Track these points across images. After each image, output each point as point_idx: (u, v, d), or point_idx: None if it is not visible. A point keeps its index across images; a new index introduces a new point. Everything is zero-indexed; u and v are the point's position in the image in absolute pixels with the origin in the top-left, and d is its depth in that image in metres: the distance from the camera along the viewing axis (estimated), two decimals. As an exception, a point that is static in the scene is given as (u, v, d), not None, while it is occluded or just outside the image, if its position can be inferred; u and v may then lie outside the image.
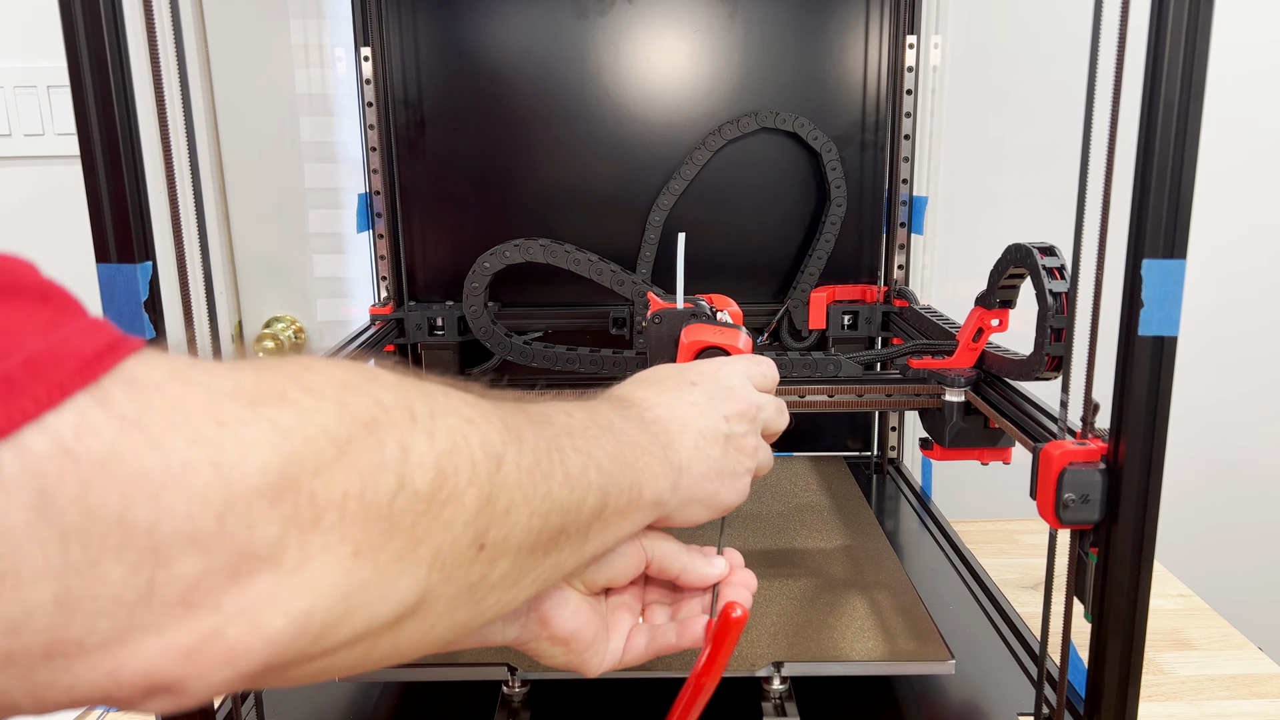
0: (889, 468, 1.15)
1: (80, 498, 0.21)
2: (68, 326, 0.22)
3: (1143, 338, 0.48)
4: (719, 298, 0.82)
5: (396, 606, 0.27)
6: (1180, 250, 0.47)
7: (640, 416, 0.44)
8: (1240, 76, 1.23)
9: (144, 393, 0.22)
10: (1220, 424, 1.33)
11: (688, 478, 0.44)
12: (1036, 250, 0.67)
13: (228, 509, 0.23)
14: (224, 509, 0.23)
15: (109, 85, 0.48)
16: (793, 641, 0.64)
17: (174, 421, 0.22)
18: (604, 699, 0.65)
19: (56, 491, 0.21)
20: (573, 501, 0.35)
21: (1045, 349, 0.66)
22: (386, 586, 0.27)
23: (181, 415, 0.23)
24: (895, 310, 1.07)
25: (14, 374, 0.20)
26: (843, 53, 1.05)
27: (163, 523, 0.22)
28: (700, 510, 0.46)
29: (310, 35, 1.17)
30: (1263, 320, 1.31)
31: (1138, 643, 0.52)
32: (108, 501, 0.21)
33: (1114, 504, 0.51)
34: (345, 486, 0.25)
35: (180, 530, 0.22)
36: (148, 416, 0.22)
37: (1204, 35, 0.45)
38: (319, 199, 1.21)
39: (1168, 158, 0.46)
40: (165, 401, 0.23)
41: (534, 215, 1.07)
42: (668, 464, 0.43)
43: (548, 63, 1.04)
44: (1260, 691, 0.72)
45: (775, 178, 1.07)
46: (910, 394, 0.78)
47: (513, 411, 0.34)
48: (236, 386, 0.24)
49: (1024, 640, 0.72)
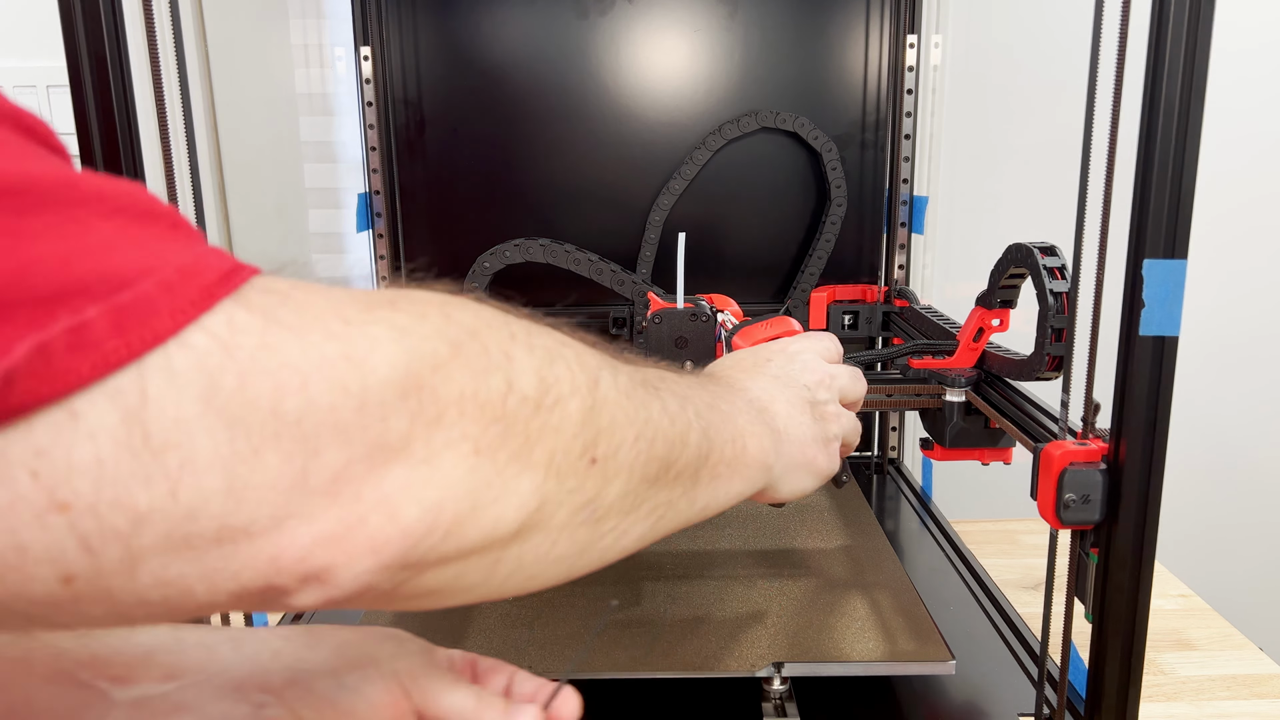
0: (889, 468, 1.15)
1: (240, 389, 0.22)
2: (198, 247, 0.24)
3: (1143, 338, 0.48)
4: (719, 298, 0.82)
5: (518, 510, 0.28)
6: (1181, 250, 0.47)
7: (730, 386, 0.45)
8: (1242, 76, 1.23)
9: (278, 297, 0.24)
10: (1221, 424, 1.33)
11: (788, 443, 0.45)
12: (1037, 250, 0.67)
13: (363, 401, 0.24)
14: (361, 401, 0.24)
15: (109, 85, 0.48)
16: (793, 642, 0.64)
17: (308, 320, 0.24)
18: (604, 700, 0.65)
19: (220, 384, 0.22)
20: (676, 434, 0.36)
21: (1046, 349, 0.66)
22: (507, 487, 0.28)
23: (313, 315, 0.24)
24: (896, 310, 1.07)
25: (171, 280, 0.22)
26: (843, 52, 1.05)
27: (310, 413, 0.23)
28: (805, 477, 0.47)
29: (310, 35, 1.17)
30: (1264, 320, 1.31)
31: (1138, 643, 0.52)
32: (262, 393, 0.23)
33: (1115, 504, 0.51)
34: (461, 385, 0.27)
35: (324, 421, 0.23)
36: (286, 316, 0.24)
37: (1205, 35, 0.45)
38: (319, 199, 1.21)
39: (1169, 157, 0.46)
40: (297, 304, 0.24)
41: (534, 215, 1.07)
42: (767, 427, 0.44)
43: (548, 62, 1.03)
44: (1261, 692, 0.72)
45: (775, 177, 1.07)
46: (911, 394, 0.78)
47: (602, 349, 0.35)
48: (351, 296, 0.26)
49: (1024, 640, 0.72)
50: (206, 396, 0.22)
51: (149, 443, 0.21)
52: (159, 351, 0.21)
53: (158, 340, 0.21)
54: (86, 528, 0.21)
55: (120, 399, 0.21)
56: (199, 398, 0.22)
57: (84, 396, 0.21)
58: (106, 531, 0.21)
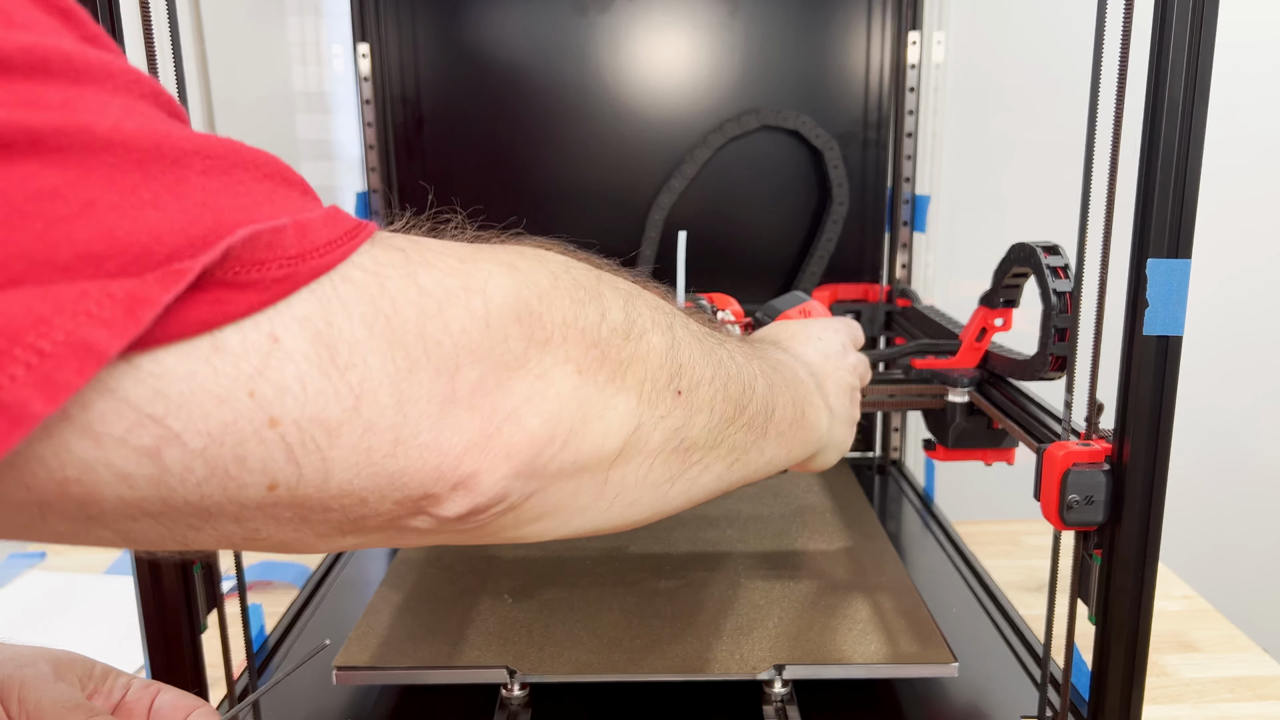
0: (892, 469, 1.14)
1: (394, 314, 0.25)
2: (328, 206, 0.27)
3: (1147, 337, 0.47)
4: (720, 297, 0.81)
5: (620, 427, 0.31)
6: (1185, 249, 0.46)
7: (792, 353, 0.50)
8: (1245, 73, 1.22)
9: (404, 240, 0.28)
10: (1226, 424, 1.33)
11: (837, 422, 0.50)
12: (1040, 249, 0.67)
13: (487, 324, 0.27)
14: (485, 323, 0.27)
15: (103, 83, 0.48)
16: (794, 644, 0.64)
17: (432, 258, 0.28)
18: (604, 700, 0.64)
19: (380, 310, 0.25)
20: (744, 380, 0.39)
21: (1049, 349, 0.66)
22: (608, 405, 0.31)
23: (435, 254, 0.28)
24: (898, 310, 1.06)
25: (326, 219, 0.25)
26: (845, 50, 1.04)
27: (448, 335, 0.26)
28: (835, 455, 0.51)
29: (307, 32, 1.16)
30: (1269, 320, 1.30)
31: (1142, 645, 0.52)
32: (410, 318, 0.26)
33: (1118, 505, 0.51)
34: (563, 313, 0.30)
35: (459, 343, 0.27)
36: (415, 254, 0.27)
37: (1208, 33, 0.44)
38: (318, 198, 1.21)
39: (1172, 156, 0.46)
40: (420, 246, 0.28)
41: (534, 214, 1.07)
42: (824, 401, 0.48)
43: (548, 60, 1.03)
44: (1265, 694, 0.72)
45: (777, 176, 1.07)
46: (913, 394, 0.78)
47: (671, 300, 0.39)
48: (458, 245, 0.30)
49: (1027, 643, 0.72)
50: (370, 322, 0.25)
51: (336, 362, 0.24)
52: (329, 280, 0.25)
53: (328, 268, 0.24)
54: (293, 440, 0.24)
55: (309, 324, 0.24)
56: (365, 322, 0.25)
57: (280, 321, 0.23)
58: (308, 443, 0.24)
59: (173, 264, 0.21)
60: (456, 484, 0.27)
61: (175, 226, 0.22)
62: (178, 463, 0.22)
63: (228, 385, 0.22)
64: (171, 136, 0.23)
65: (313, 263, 0.24)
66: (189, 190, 0.22)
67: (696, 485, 0.37)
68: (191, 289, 0.22)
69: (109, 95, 0.22)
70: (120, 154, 0.21)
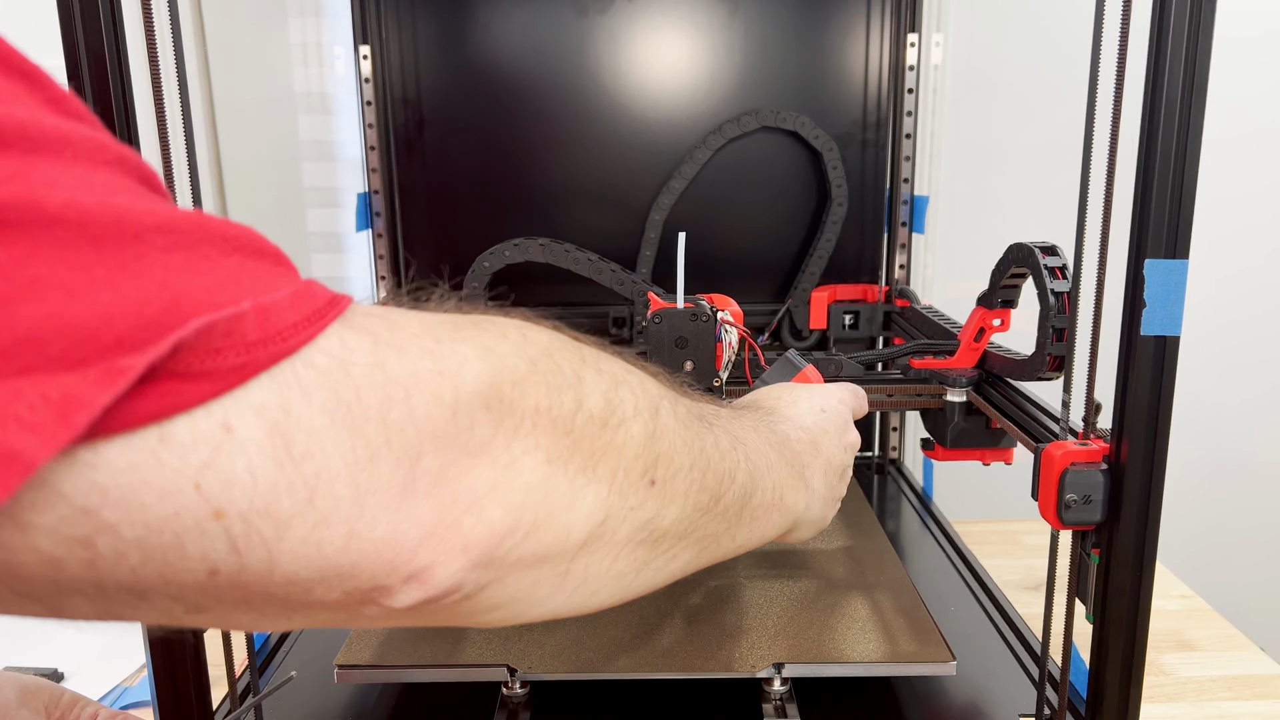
0: (890, 468, 1.15)
1: (357, 402, 0.24)
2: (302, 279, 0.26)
3: (1145, 337, 0.48)
4: (719, 297, 0.82)
5: (586, 519, 0.31)
6: (1183, 250, 0.47)
7: (783, 431, 0.48)
8: (1243, 72, 1.22)
9: (379, 320, 0.27)
10: (1223, 424, 1.33)
11: (816, 500, 0.48)
12: (1038, 249, 0.67)
13: (455, 410, 0.26)
14: (453, 410, 0.26)
15: (107, 85, 0.48)
16: (793, 642, 0.64)
17: (406, 339, 0.27)
18: (604, 700, 0.65)
19: (341, 398, 0.24)
20: (725, 469, 0.38)
21: (1047, 349, 0.66)
22: (576, 496, 0.30)
23: (409, 334, 0.27)
24: (896, 310, 1.07)
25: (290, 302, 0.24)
26: (844, 51, 1.04)
27: (412, 422, 0.25)
28: (810, 532, 0.50)
29: (309, 33, 1.16)
30: (1265, 319, 1.30)
31: (1139, 644, 0.52)
32: (373, 405, 0.25)
33: (1116, 504, 0.51)
34: (536, 400, 0.29)
35: (423, 430, 0.26)
36: (388, 336, 0.26)
37: (1206, 33, 0.44)
38: (318, 198, 1.21)
39: (1170, 156, 0.46)
40: (395, 325, 0.27)
41: (534, 214, 1.07)
42: (804, 483, 0.47)
43: (547, 61, 1.03)
44: (1262, 693, 0.72)
45: (776, 177, 1.07)
46: (912, 394, 0.78)
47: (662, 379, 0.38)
48: (438, 319, 0.29)
49: (1025, 641, 0.72)
50: (331, 409, 0.24)
51: (291, 452, 0.23)
52: (290, 366, 0.24)
53: (290, 352, 0.24)
54: (236, 532, 0.23)
55: (266, 413, 0.23)
56: (326, 410, 0.24)
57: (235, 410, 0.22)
58: (253, 535, 0.23)
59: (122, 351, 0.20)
60: (409, 577, 0.26)
61: (128, 308, 0.21)
62: (111, 549, 0.21)
63: (172, 479, 0.21)
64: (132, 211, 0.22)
65: (274, 348, 0.23)
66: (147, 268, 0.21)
67: (662, 574, 0.36)
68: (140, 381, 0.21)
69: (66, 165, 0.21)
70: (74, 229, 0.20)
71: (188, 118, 0.52)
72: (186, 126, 0.52)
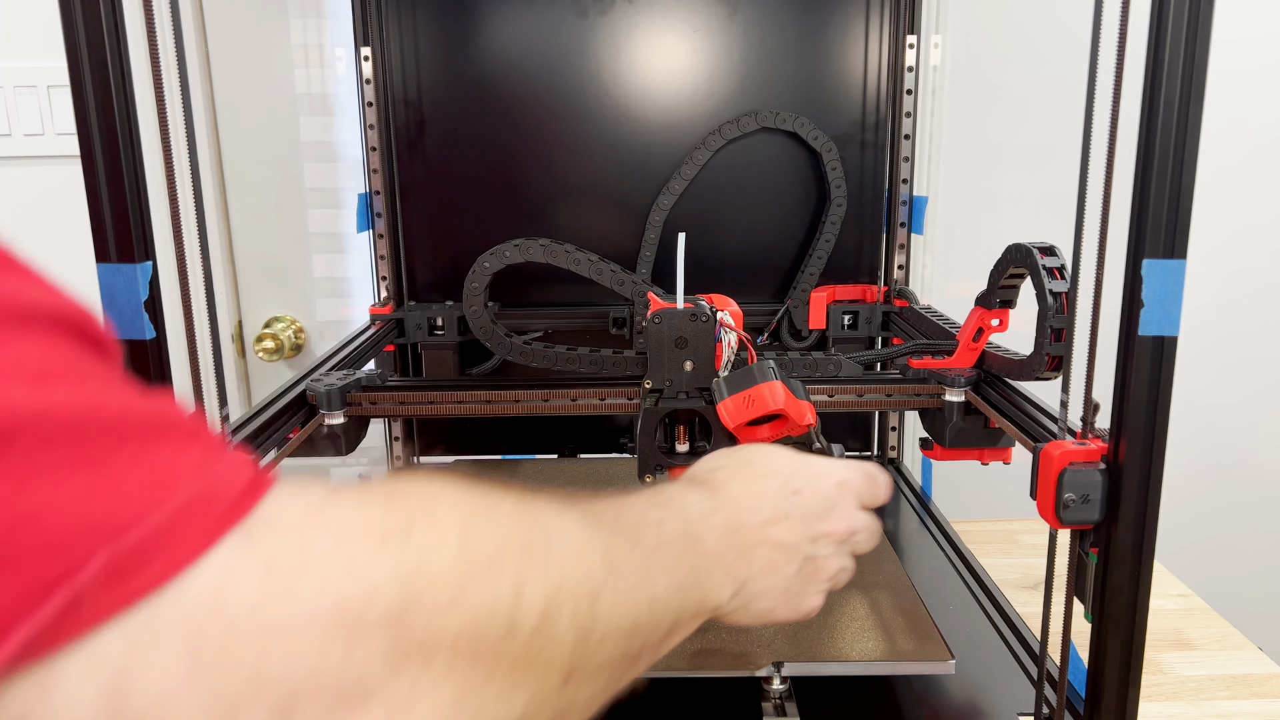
0: (889, 467, 1.15)
1: (222, 651, 0.21)
2: (216, 466, 0.23)
3: (1143, 338, 0.48)
4: (719, 298, 0.82)
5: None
6: (1180, 250, 0.47)
7: (724, 519, 0.44)
8: (1242, 72, 1.23)
9: (281, 535, 0.23)
10: (1221, 424, 1.33)
11: (749, 589, 0.44)
12: (1037, 250, 0.67)
13: (349, 652, 0.23)
14: (346, 652, 0.23)
15: (109, 85, 0.48)
16: (793, 641, 0.64)
17: (309, 562, 0.23)
18: (604, 699, 0.65)
19: (205, 643, 0.21)
20: (654, 624, 0.36)
21: (1045, 349, 0.66)
22: (486, 716, 0.27)
23: (315, 557, 0.24)
24: (895, 310, 1.07)
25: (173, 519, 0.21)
26: (843, 52, 1.05)
27: (292, 671, 0.22)
28: (749, 619, 0.46)
29: (310, 35, 1.16)
30: (1263, 320, 1.30)
31: (1138, 643, 0.52)
32: (247, 653, 0.22)
33: (1114, 504, 0.51)
34: (459, 628, 0.26)
35: (308, 678, 0.22)
36: (286, 558, 0.23)
37: (1204, 34, 0.45)
38: (319, 199, 1.21)
39: (1168, 157, 0.46)
40: (301, 544, 0.24)
41: (534, 215, 1.07)
42: (733, 575, 0.43)
43: (548, 62, 1.03)
44: (1260, 691, 0.72)
45: (775, 177, 1.07)
46: (910, 394, 0.78)
47: (612, 530, 0.35)
48: (365, 523, 0.26)
49: (1024, 640, 0.72)
50: (191, 656, 0.21)
51: (126, 714, 0.20)
52: (147, 608, 0.21)
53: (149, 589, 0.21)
54: None
55: (101, 670, 0.20)
56: (183, 655, 0.21)
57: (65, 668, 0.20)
58: None
59: None
60: None
61: None
62: None
63: None
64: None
65: (131, 584, 0.20)
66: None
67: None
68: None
69: None
70: None
71: (189, 119, 0.52)
72: (188, 127, 0.52)
